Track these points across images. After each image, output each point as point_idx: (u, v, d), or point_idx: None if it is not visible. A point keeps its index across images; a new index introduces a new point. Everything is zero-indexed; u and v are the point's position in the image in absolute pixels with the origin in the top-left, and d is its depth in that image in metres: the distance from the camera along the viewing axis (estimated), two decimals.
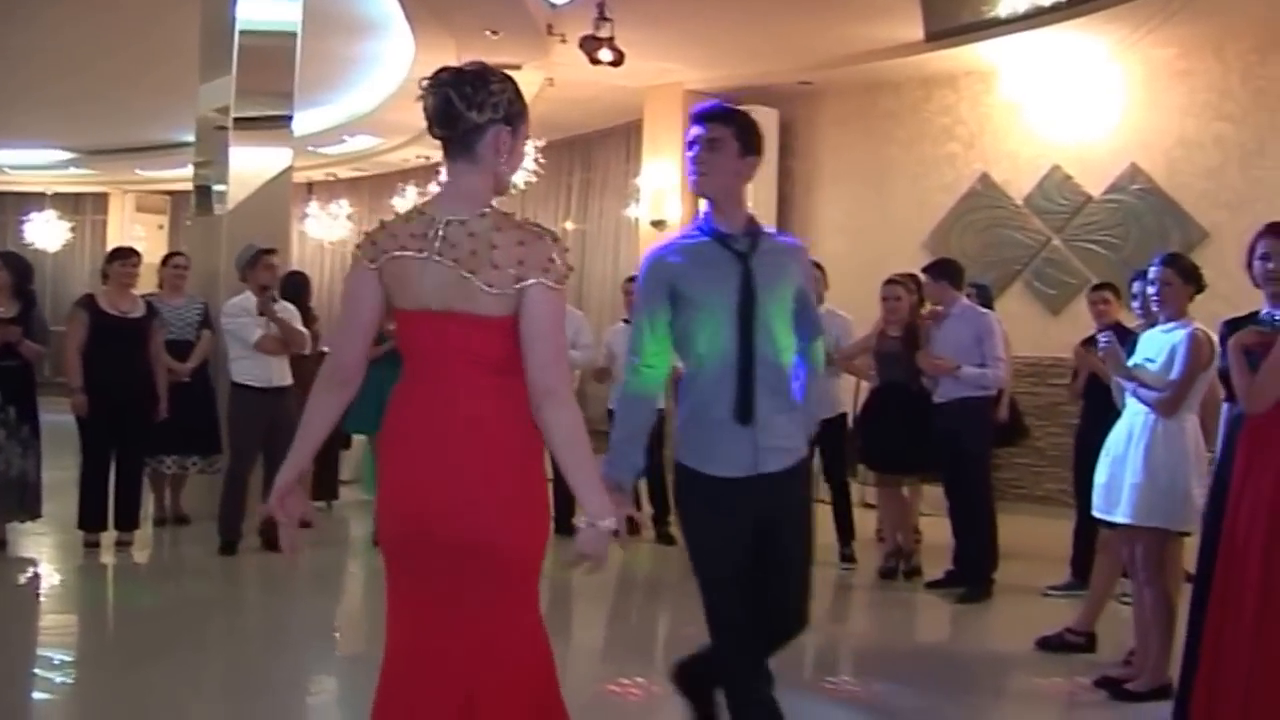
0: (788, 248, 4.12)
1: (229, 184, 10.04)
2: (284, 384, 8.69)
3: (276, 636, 6.76)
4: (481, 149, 3.13)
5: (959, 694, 5.88)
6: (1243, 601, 4.34)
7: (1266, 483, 4.36)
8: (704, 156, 3.90)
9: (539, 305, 3.01)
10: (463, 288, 3.03)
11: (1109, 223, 11.01)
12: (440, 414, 3.09)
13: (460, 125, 3.11)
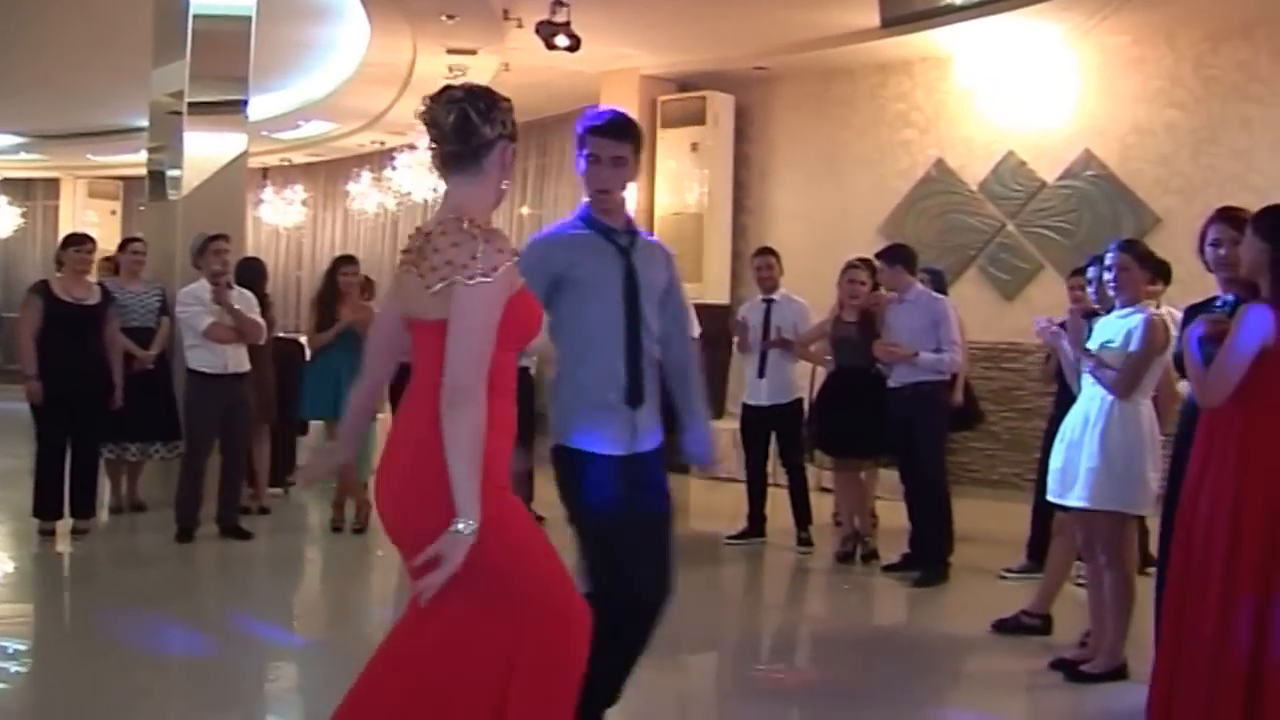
0: (658, 245, 4.43)
1: (183, 169, 9.92)
2: (240, 370, 8.60)
3: (234, 623, 6.71)
4: (488, 163, 3.25)
5: (916, 676, 5.91)
6: (1205, 593, 4.34)
7: (1226, 472, 4.37)
8: (610, 175, 4.13)
9: (455, 303, 3.04)
10: (416, 293, 3.14)
11: (1063, 208, 11.06)
12: (398, 416, 3.23)
13: (474, 140, 3.21)
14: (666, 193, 13.27)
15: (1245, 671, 4.23)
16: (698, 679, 5.78)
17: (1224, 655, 4.28)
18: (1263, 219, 4.48)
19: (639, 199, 13.23)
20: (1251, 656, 4.23)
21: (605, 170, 4.11)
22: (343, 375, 8.83)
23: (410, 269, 3.18)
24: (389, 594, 7.80)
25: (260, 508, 9.59)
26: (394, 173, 15.05)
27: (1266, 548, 4.26)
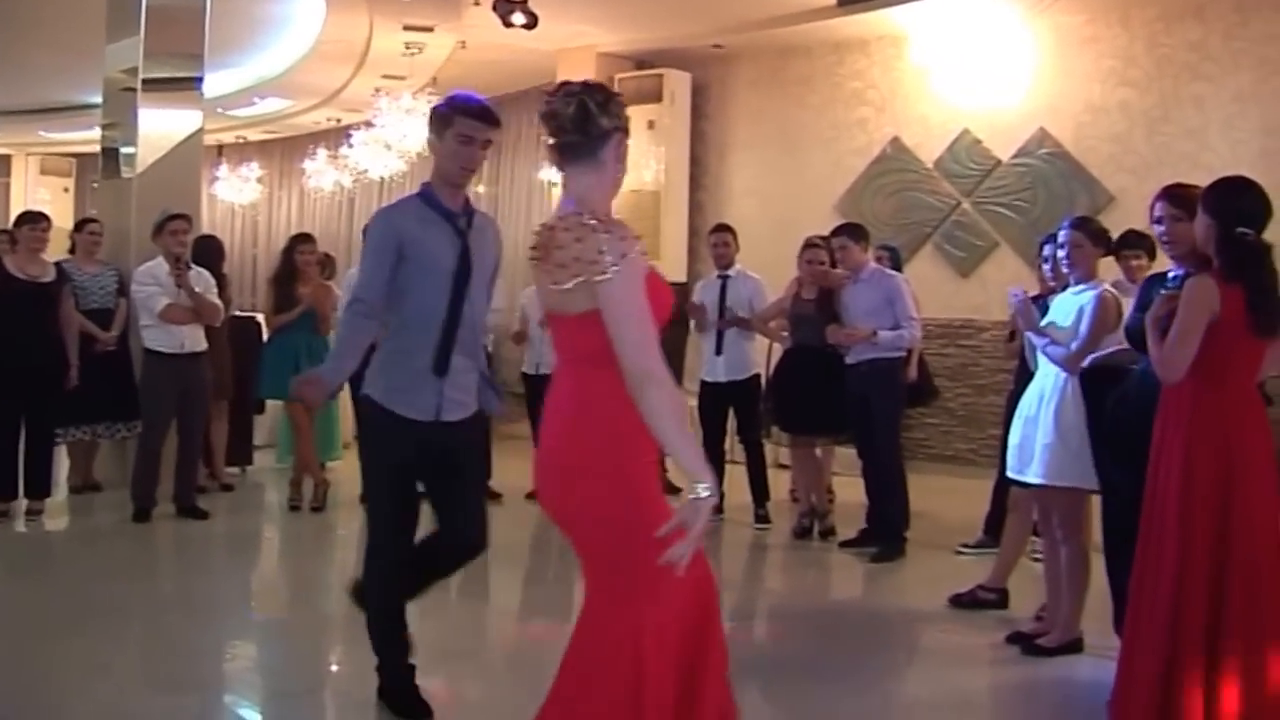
0: (490, 222, 4.75)
1: (138, 146, 9.82)
2: (196, 349, 8.56)
3: (192, 603, 6.67)
4: (605, 154, 3.31)
5: (874, 651, 5.95)
6: (1160, 566, 4.40)
7: (1177, 444, 4.41)
8: (478, 156, 4.53)
9: (603, 299, 3.08)
10: (550, 291, 3.21)
11: (1017, 186, 11.10)
12: (550, 398, 3.33)
13: (592, 131, 3.28)
14: None
15: (1201, 645, 4.27)
16: None
17: (1180, 628, 4.31)
18: (1210, 194, 4.51)
19: None
20: (1207, 626, 4.28)
21: (475, 152, 4.48)
22: (301, 355, 8.82)
23: (542, 266, 3.23)
24: (347, 573, 7.75)
25: (221, 485, 9.55)
26: (350, 150, 14.90)
27: (1217, 517, 4.31)
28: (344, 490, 9.44)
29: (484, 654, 5.89)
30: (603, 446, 3.18)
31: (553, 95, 3.32)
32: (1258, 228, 4.44)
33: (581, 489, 3.21)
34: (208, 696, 5.11)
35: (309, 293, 8.94)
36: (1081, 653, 5.58)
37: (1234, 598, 4.27)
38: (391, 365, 4.52)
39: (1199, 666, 4.26)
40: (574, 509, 3.27)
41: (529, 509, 9.32)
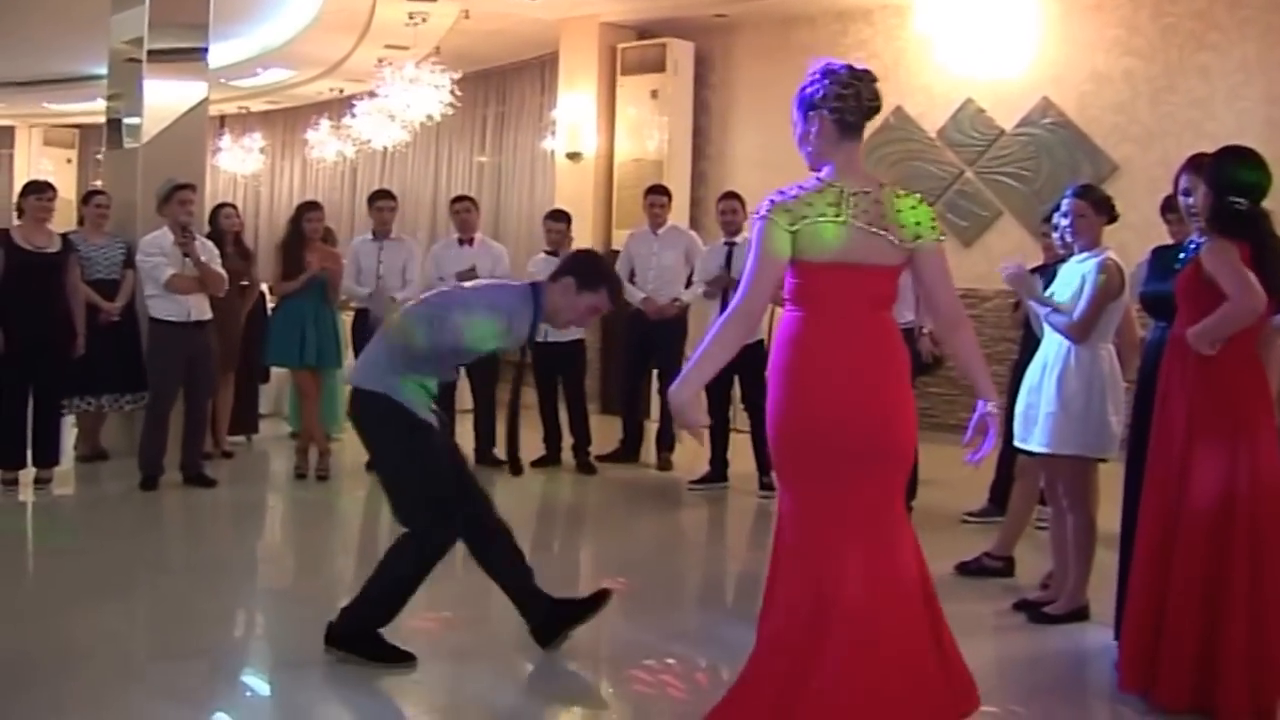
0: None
1: (143, 117, 9.77)
2: (203, 318, 8.53)
3: (199, 570, 6.66)
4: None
5: None
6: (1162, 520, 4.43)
7: (1180, 404, 4.42)
8: None
9: (937, 255, 3.84)
10: (873, 243, 3.72)
11: (1021, 155, 11.04)
12: (849, 344, 3.75)
13: (874, 114, 3.88)
14: (626, 139, 13.17)
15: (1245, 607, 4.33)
16: (660, 624, 5.76)
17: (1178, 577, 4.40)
18: (1210, 163, 4.56)
19: (598, 146, 13.15)
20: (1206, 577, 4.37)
21: None
22: (308, 323, 8.79)
23: (855, 224, 3.72)
24: (352, 541, 7.78)
25: (222, 453, 9.54)
26: (353, 120, 14.85)
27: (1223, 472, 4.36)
28: (348, 459, 9.42)
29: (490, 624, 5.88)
30: (906, 379, 3.87)
31: (864, 78, 3.86)
32: (1255, 197, 4.44)
33: (901, 419, 3.80)
34: (214, 663, 5.09)
35: (316, 260, 8.90)
36: (1088, 620, 5.56)
37: (1238, 551, 4.33)
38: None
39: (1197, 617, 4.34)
40: (894, 438, 3.79)
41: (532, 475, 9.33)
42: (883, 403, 3.74)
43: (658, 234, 9.64)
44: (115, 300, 8.89)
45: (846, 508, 3.75)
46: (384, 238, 9.30)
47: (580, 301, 4.88)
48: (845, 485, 3.74)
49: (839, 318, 3.76)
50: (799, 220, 3.71)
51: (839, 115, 3.81)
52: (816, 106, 3.85)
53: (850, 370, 3.72)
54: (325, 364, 9.04)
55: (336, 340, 9.10)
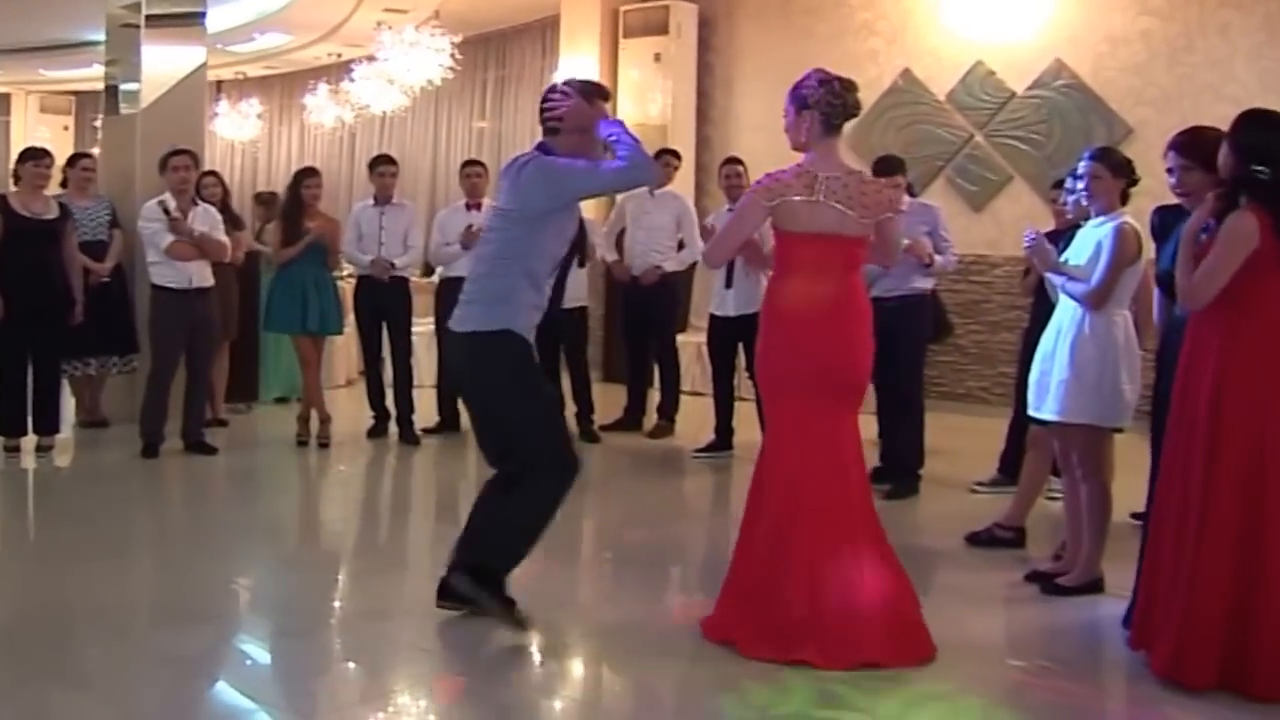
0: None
1: (141, 83, 9.81)
2: (204, 285, 8.53)
3: (200, 538, 6.65)
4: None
5: None
6: (1188, 500, 4.37)
7: (1206, 375, 4.36)
8: None
9: (893, 224, 4.96)
10: (841, 218, 4.74)
11: (1032, 119, 10.96)
12: (827, 300, 4.78)
13: (853, 118, 4.94)
14: (629, 103, 13.09)
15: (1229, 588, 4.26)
16: (665, 593, 5.75)
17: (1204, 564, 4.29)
18: (1235, 127, 4.48)
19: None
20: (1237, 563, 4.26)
21: None
22: (309, 289, 8.76)
23: (827, 203, 4.73)
24: (354, 508, 7.76)
25: (217, 420, 9.52)
26: (352, 85, 14.79)
27: (1252, 441, 4.29)
28: (347, 426, 9.39)
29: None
30: (868, 326, 4.91)
31: (846, 87, 4.87)
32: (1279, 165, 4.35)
33: (863, 358, 4.89)
34: (217, 630, 5.08)
35: (316, 226, 8.86)
36: (1103, 593, 5.51)
37: (1271, 521, 4.27)
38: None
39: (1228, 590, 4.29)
40: (857, 373, 4.87)
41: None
42: (849, 346, 4.84)
43: (654, 195, 9.58)
44: (104, 262, 8.94)
45: (815, 424, 4.77)
46: (385, 203, 9.25)
47: (592, 111, 4.97)
48: (816, 408, 4.76)
49: (814, 278, 4.78)
50: (777, 197, 4.76)
51: (827, 118, 4.79)
52: (810, 107, 4.79)
53: (823, 320, 4.77)
54: (328, 329, 9.01)
55: (338, 305, 9.07)
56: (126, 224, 9.13)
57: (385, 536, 7.19)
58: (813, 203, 4.72)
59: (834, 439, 4.80)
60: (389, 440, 9.24)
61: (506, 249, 4.84)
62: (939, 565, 6.35)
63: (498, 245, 4.88)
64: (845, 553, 4.70)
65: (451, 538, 5.13)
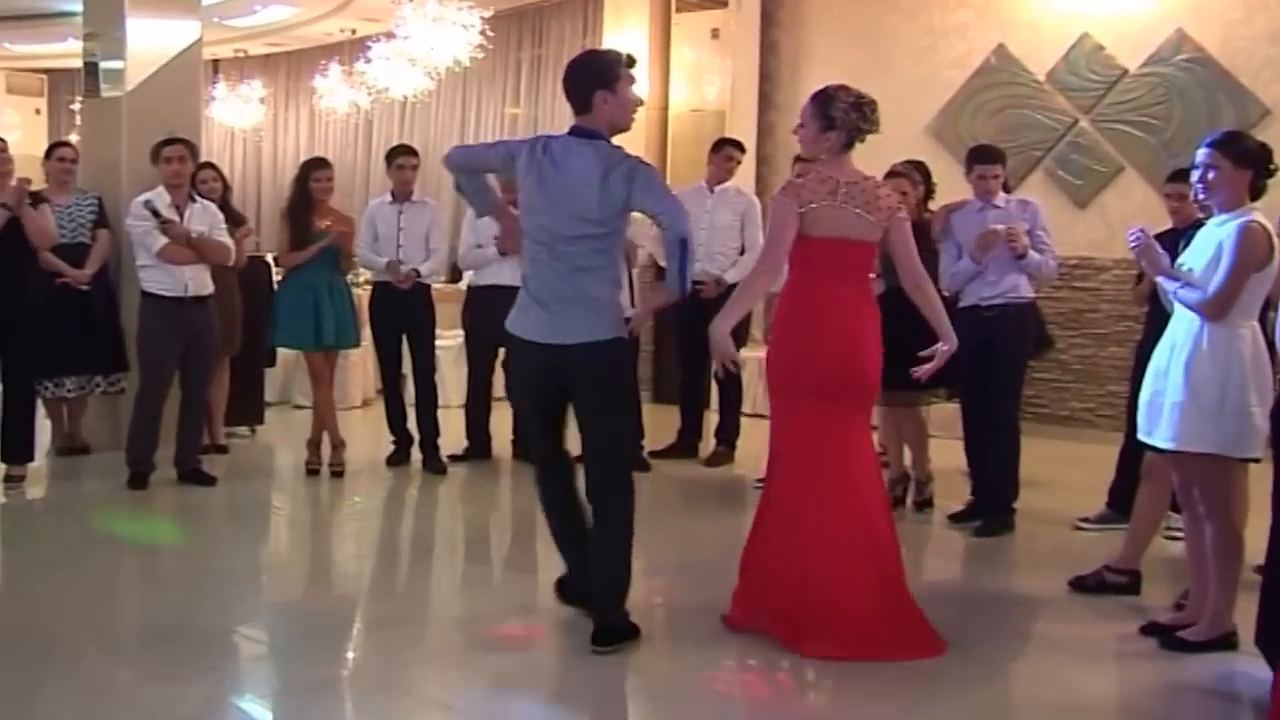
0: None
1: (126, 61, 9.81)
2: (202, 293, 8.53)
3: (198, 581, 6.64)
4: None
5: (982, 642, 5.81)
6: None
7: None
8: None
9: (903, 227, 5.74)
10: (860, 223, 5.56)
11: (1148, 100, 10.88)
12: (845, 302, 5.61)
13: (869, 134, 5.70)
14: (683, 87, 13.11)
15: None
16: (723, 651, 5.72)
17: None
18: None
19: (651, 95, 13.09)
20: None
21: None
22: (322, 297, 8.76)
23: (848, 208, 5.55)
24: (371, 546, 7.77)
25: (216, 446, 9.56)
26: (368, 66, 14.85)
27: None
28: (364, 453, 9.42)
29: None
30: (877, 329, 5.71)
31: (872, 107, 5.64)
32: None
33: (871, 360, 5.68)
34: (215, 687, 5.09)
35: (327, 226, 8.86)
36: (1235, 650, 5.44)
37: None
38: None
39: None
40: (866, 374, 5.66)
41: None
42: (859, 348, 5.62)
43: (713, 191, 9.57)
44: (85, 267, 8.90)
45: (825, 422, 5.55)
46: (405, 200, 9.25)
47: (625, 96, 5.55)
48: (826, 406, 5.53)
49: (836, 280, 5.60)
50: (806, 204, 5.52)
51: (850, 136, 5.60)
52: (837, 126, 5.57)
53: (840, 321, 5.60)
54: (344, 343, 9.02)
55: (354, 316, 9.06)
56: (113, 222, 9.13)
57: (405, 580, 7.18)
58: (838, 208, 5.54)
59: (845, 440, 5.61)
60: (411, 469, 9.26)
61: (618, 254, 5.61)
62: (1038, 615, 6.32)
63: (616, 250, 5.56)
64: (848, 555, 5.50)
65: (483, 580, 5.14)
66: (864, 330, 5.64)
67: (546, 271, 5.41)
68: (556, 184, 5.36)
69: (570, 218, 5.33)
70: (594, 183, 5.30)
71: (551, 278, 5.40)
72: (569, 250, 5.36)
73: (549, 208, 5.37)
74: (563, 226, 5.34)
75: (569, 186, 5.34)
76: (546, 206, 5.38)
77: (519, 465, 9.24)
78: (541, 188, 5.38)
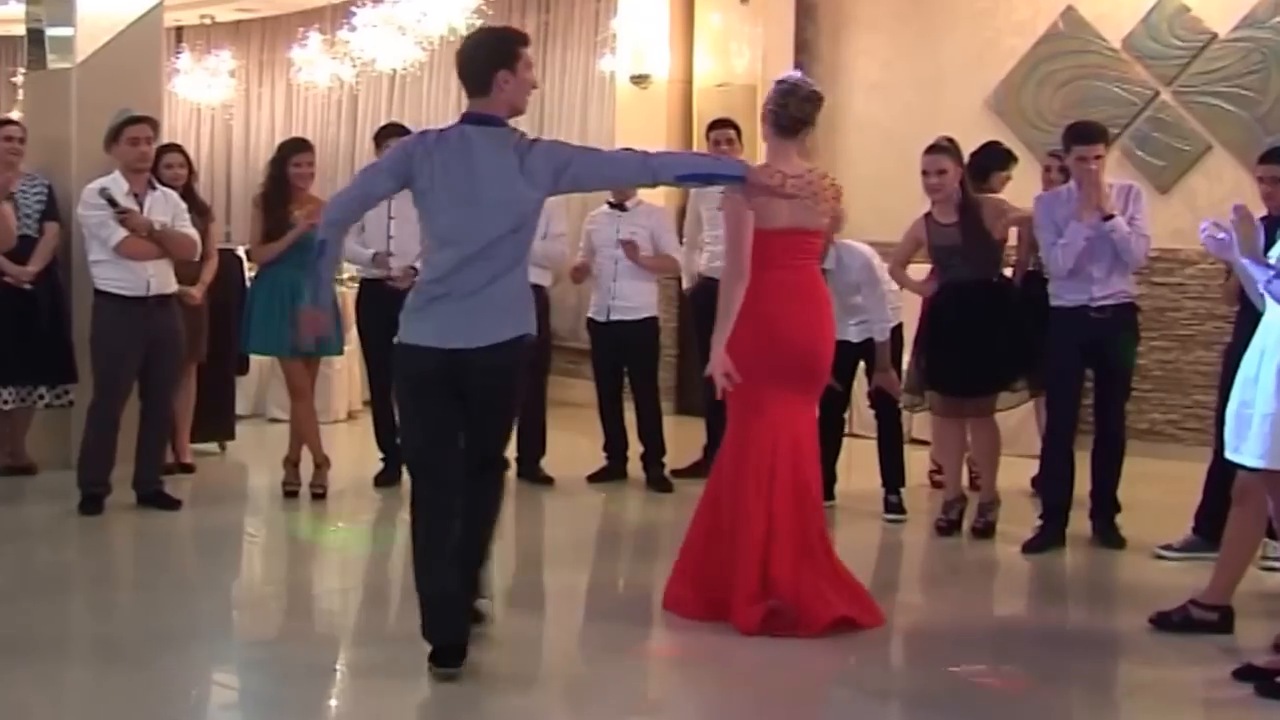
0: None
1: (76, 28, 9.81)
2: (165, 291, 8.53)
3: (157, 621, 6.60)
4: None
5: (1049, 689, 5.82)
6: None
7: None
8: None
9: (841, 217, 7.29)
10: (808, 213, 6.41)
11: (1240, 69, 10.84)
12: (807, 290, 6.51)
13: (803, 124, 6.54)
14: (708, 58, 13.12)
15: None
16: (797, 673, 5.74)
17: None
18: None
19: (674, 67, 13.09)
20: None
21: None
22: (300, 297, 8.70)
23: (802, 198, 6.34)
24: (357, 577, 7.76)
25: (180, 465, 9.57)
26: (352, 34, 14.87)
27: None
28: (349, 472, 9.41)
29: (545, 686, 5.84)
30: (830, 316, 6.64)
31: (786, 90, 6.44)
32: None
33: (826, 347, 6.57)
34: None
35: (306, 215, 8.85)
36: None
37: None
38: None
39: None
40: (821, 361, 6.54)
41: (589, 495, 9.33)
42: (814, 335, 6.50)
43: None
44: (29, 262, 8.93)
45: (785, 411, 6.41)
46: None
47: (525, 77, 5.74)
48: (784, 394, 6.39)
49: (790, 269, 6.42)
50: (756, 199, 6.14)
51: (780, 128, 6.47)
52: (766, 119, 6.52)
53: (800, 308, 6.44)
54: (326, 349, 8.98)
55: (338, 318, 8.98)
56: (63, 210, 9.16)
57: (396, 620, 7.13)
58: (790, 199, 6.27)
59: (796, 426, 6.48)
60: (402, 490, 9.22)
61: (530, 246, 5.81)
62: (1116, 656, 6.32)
63: (528, 241, 5.73)
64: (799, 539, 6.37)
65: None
66: (820, 314, 6.56)
67: (456, 274, 5.54)
68: (466, 179, 5.49)
69: (487, 213, 5.47)
70: (511, 169, 5.47)
71: (463, 279, 5.52)
72: (484, 249, 5.49)
73: (459, 204, 5.50)
74: (479, 223, 5.47)
75: (481, 181, 5.48)
76: (456, 203, 5.51)
77: (522, 485, 9.24)
78: (449, 185, 5.51)
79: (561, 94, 15.48)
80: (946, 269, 8.27)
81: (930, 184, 8.19)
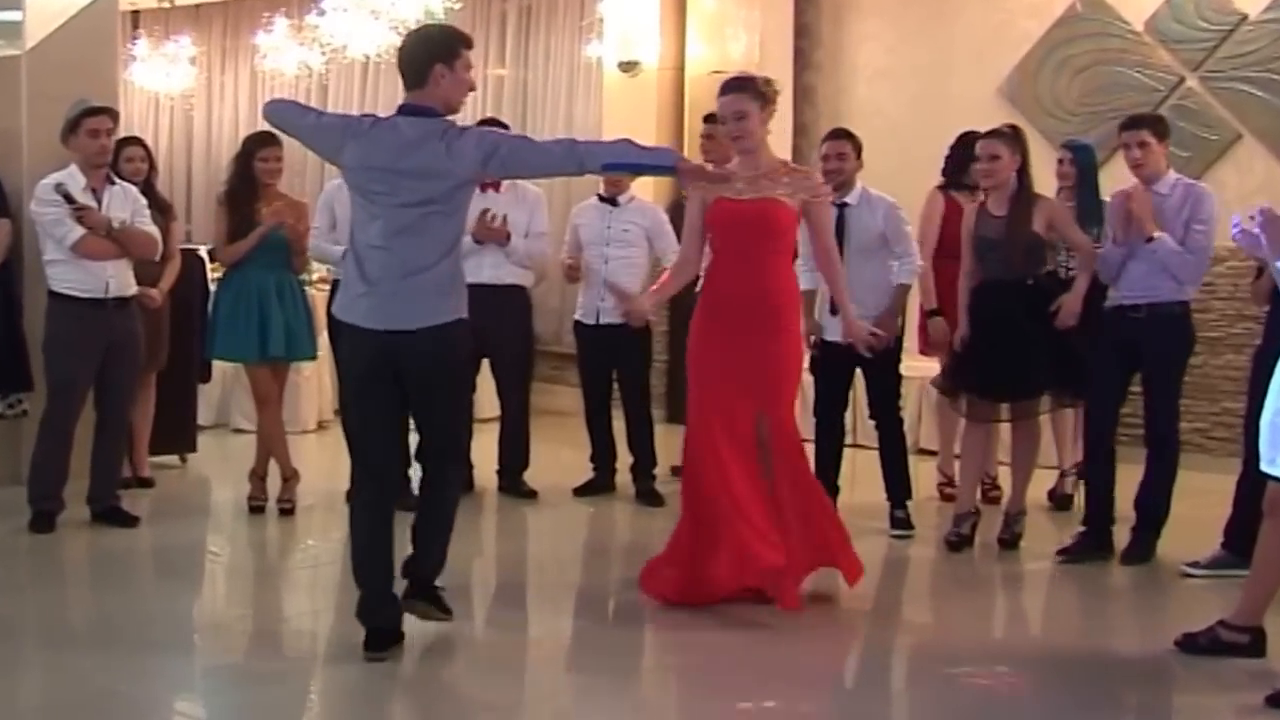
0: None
1: (24, 11, 9.79)
2: (125, 294, 8.53)
3: (115, 645, 6.61)
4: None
5: (1076, 711, 5.82)
6: None
7: None
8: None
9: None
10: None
11: (1272, 53, 10.91)
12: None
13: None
14: (701, 43, 13.13)
15: None
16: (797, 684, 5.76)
17: None
18: None
19: (665, 53, 13.10)
20: None
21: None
22: (268, 298, 8.73)
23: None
24: (328, 599, 7.75)
25: (138, 479, 9.57)
26: (321, 19, 14.86)
27: None
28: (319, 485, 9.41)
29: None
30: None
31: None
32: None
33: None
34: None
35: (274, 213, 8.85)
36: None
37: None
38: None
39: None
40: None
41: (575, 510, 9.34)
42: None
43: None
44: None
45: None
46: None
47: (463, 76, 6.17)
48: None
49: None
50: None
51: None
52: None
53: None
54: (295, 355, 9.04)
55: (309, 322, 9.06)
56: (14, 207, 9.12)
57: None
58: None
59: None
60: None
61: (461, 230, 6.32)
62: (1140, 680, 6.32)
63: (460, 226, 6.26)
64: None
65: (465, 640, 5.13)
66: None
67: (385, 251, 5.96)
68: (388, 152, 5.93)
69: (406, 180, 5.91)
70: (436, 147, 5.91)
71: (390, 257, 5.94)
72: (411, 225, 5.94)
73: (385, 176, 5.94)
74: (397, 191, 5.91)
75: (404, 151, 5.92)
76: (381, 175, 5.95)
77: (504, 499, 9.27)
78: (377, 157, 5.95)
79: (544, 83, 15.49)
80: (984, 263, 8.28)
81: (981, 169, 8.27)
